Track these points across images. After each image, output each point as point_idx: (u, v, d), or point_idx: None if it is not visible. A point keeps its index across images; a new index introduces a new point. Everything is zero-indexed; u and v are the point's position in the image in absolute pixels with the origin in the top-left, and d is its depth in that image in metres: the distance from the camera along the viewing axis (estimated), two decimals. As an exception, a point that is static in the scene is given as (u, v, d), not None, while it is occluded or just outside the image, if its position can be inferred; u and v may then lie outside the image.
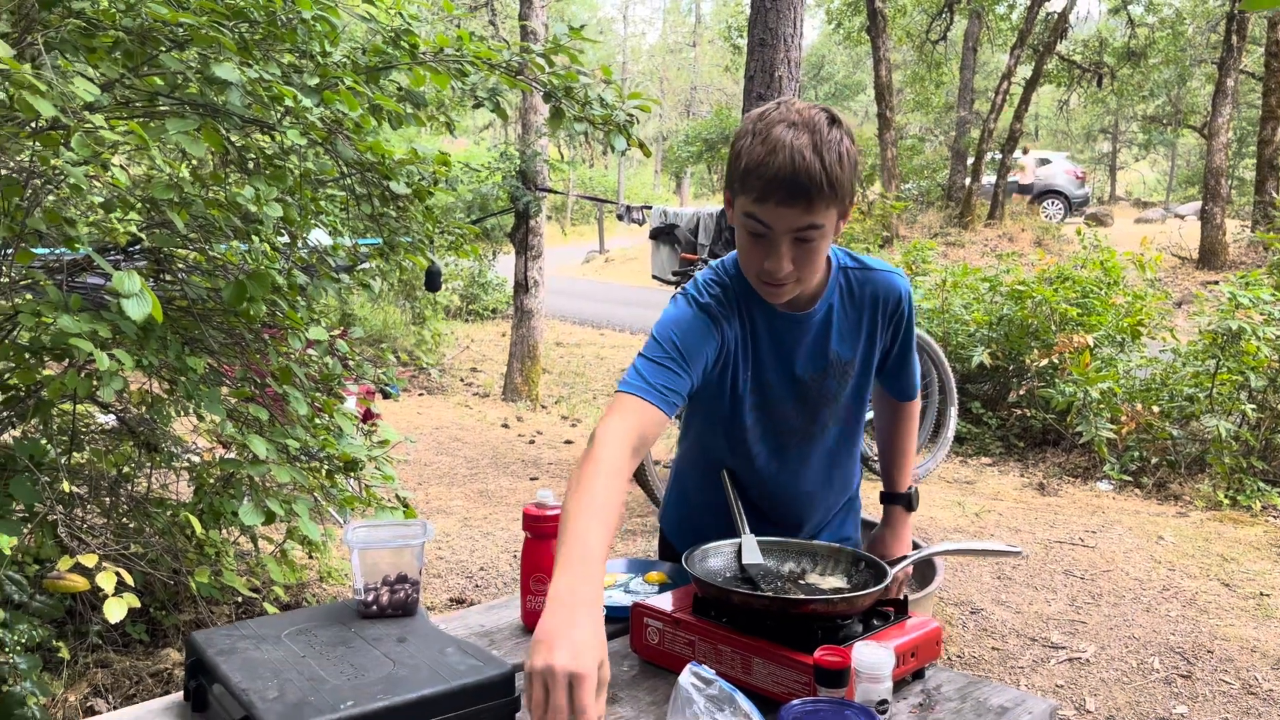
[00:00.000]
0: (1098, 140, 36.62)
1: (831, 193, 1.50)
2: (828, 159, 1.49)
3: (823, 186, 1.49)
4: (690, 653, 1.52)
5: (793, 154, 1.48)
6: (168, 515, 2.95)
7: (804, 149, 1.48)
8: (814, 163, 1.48)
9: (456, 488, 5.57)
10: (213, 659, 1.36)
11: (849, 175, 1.54)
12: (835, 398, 1.80)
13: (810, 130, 1.50)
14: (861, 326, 1.77)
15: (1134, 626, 3.73)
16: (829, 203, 1.52)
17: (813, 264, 1.59)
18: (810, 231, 1.54)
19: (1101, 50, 18.56)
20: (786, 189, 1.49)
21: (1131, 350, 6.74)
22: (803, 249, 1.56)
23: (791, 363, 1.75)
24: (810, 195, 1.49)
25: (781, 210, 1.52)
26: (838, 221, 1.58)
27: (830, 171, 1.49)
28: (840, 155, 1.51)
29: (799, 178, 1.48)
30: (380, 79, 2.93)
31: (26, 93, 1.86)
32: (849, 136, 1.55)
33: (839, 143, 1.52)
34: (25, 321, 2.19)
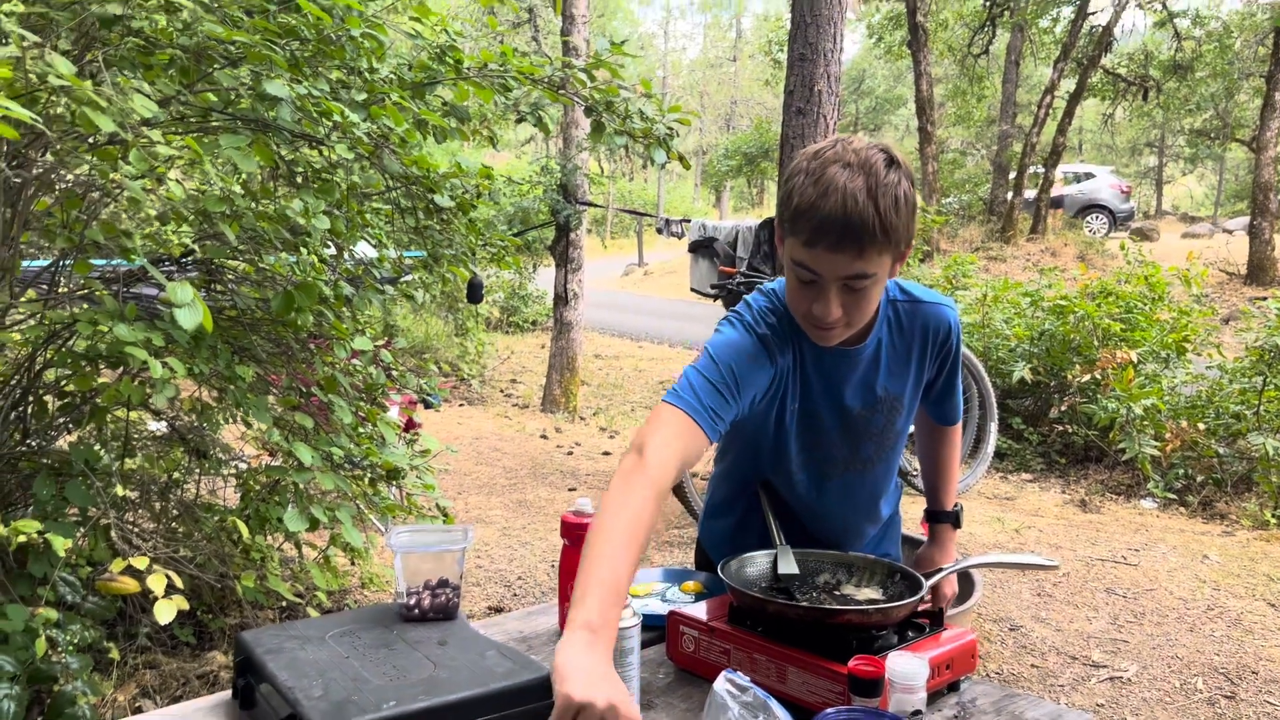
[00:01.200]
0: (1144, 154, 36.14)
1: (885, 239, 1.44)
2: (882, 204, 1.42)
3: (875, 233, 1.43)
4: (725, 661, 1.54)
5: (845, 198, 1.41)
6: (215, 520, 3.02)
7: (858, 193, 1.42)
8: (867, 208, 1.42)
9: (496, 497, 5.62)
10: (260, 658, 1.40)
11: (905, 220, 1.47)
12: (882, 432, 1.77)
13: (866, 172, 1.43)
14: (910, 359, 1.73)
15: (1177, 646, 3.68)
16: (882, 249, 1.46)
17: (862, 310, 1.54)
18: (860, 280, 1.48)
19: (1147, 64, 18.32)
20: (837, 234, 1.43)
21: (1177, 366, 6.65)
22: (852, 296, 1.51)
23: (840, 396, 1.71)
24: (862, 242, 1.43)
25: (831, 256, 1.46)
26: (892, 266, 1.52)
27: (885, 217, 1.43)
28: (897, 199, 1.44)
29: (851, 223, 1.42)
30: (425, 94, 2.99)
31: (88, 109, 1.93)
32: (907, 179, 1.48)
33: (895, 185, 1.45)
34: (83, 330, 2.26)
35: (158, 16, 2.18)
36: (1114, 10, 16.15)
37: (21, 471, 2.76)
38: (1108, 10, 16.35)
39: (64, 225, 2.64)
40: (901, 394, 1.75)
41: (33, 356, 2.75)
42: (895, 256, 1.50)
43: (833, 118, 5.60)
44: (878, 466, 1.82)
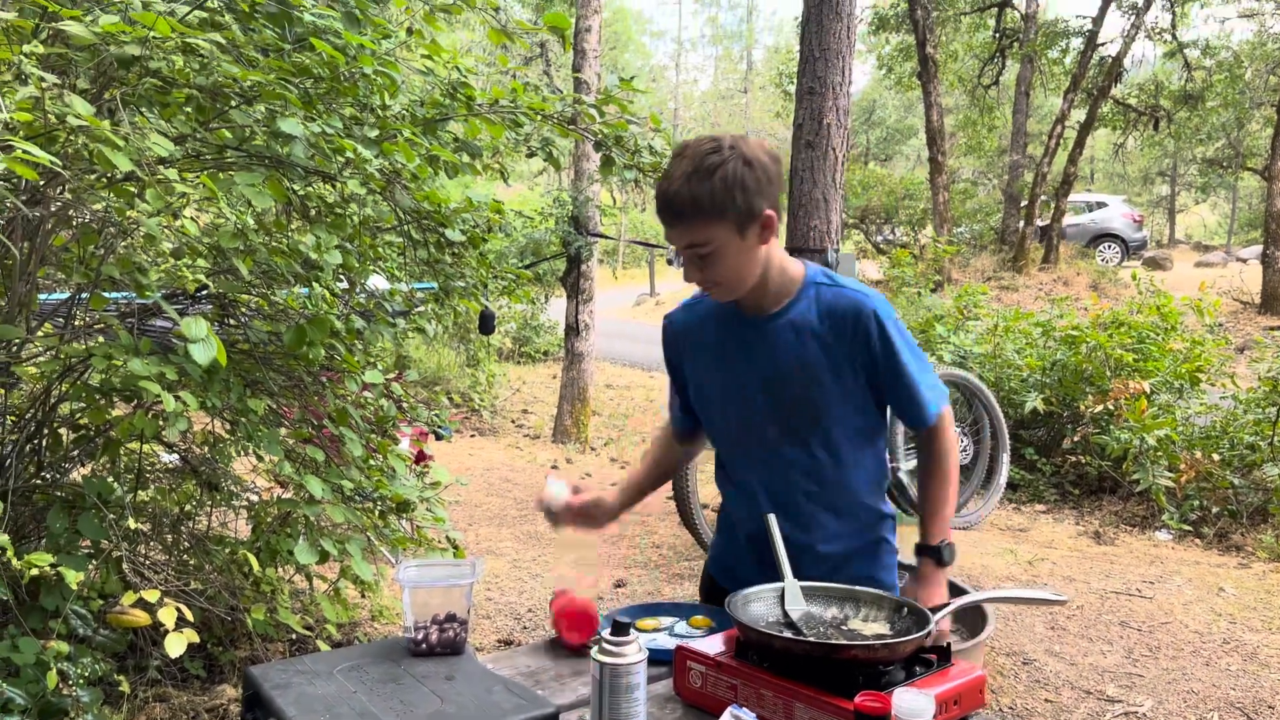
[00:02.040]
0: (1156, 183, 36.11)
1: (701, 212, 1.66)
2: (695, 184, 1.65)
3: (688, 209, 1.66)
4: (732, 696, 1.54)
5: (667, 184, 1.68)
6: (226, 553, 3.03)
7: (678, 178, 1.67)
8: (683, 189, 1.66)
9: (506, 529, 5.62)
10: (269, 693, 1.41)
11: (725, 194, 1.65)
12: (801, 400, 1.85)
13: (691, 159, 1.67)
14: (831, 339, 1.82)
15: (1193, 680, 3.64)
16: (707, 221, 1.67)
17: (722, 272, 1.74)
18: (700, 248, 1.70)
19: (1157, 93, 18.36)
20: (665, 214, 1.71)
21: (1190, 397, 6.62)
22: (704, 262, 1.73)
23: (754, 363, 1.87)
24: (683, 217, 1.68)
25: (671, 232, 1.72)
26: (742, 233, 1.70)
27: (697, 196, 1.65)
28: (714, 178, 1.65)
29: (671, 204, 1.68)
30: (437, 130, 3.03)
31: (105, 148, 1.96)
32: (739, 160, 1.67)
33: (717, 167, 1.65)
34: (98, 364, 2.28)
35: (175, 57, 2.22)
36: (1124, 41, 16.22)
37: (36, 504, 2.78)
38: (1117, 41, 16.42)
39: (80, 260, 2.68)
40: (819, 367, 1.83)
41: (48, 390, 2.78)
42: (734, 226, 1.69)
43: (842, 150, 5.63)
44: (820, 451, 1.87)
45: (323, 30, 2.60)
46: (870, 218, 19.82)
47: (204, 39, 2.20)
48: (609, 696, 1.33)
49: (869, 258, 19.92)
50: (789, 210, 5.85)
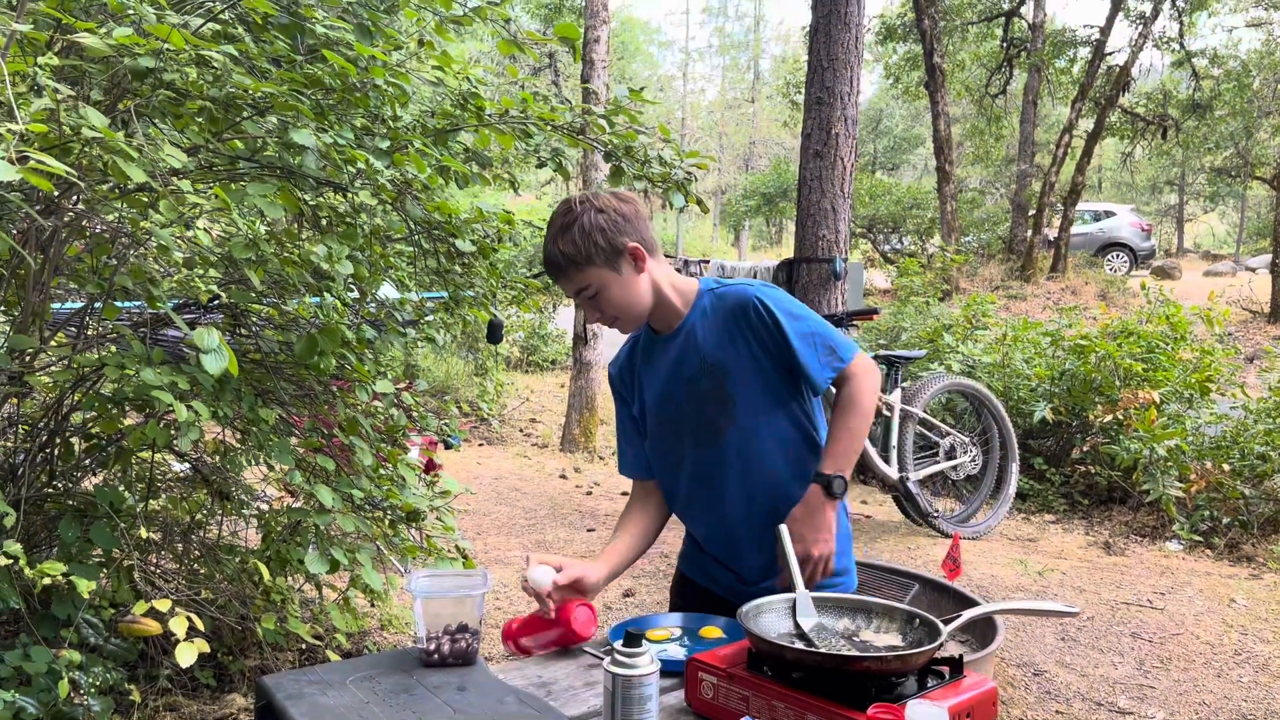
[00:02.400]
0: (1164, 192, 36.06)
1: (572, 264, 1.92)
2: (560, 243, 1.92)
3: (562, 263, 1.93)
4: (744, 708, 1.54)
5: (545, 248, 1.96)
6: (237, 562, 3.04)
7: (548, 241, 1.95)
8: (552, 249, 1.94)
9: (515, 538, 5.62)
10: (281, 703, 1.41)
11: (586, 243, 1.91)
12: (716, 393, 2.02)
13: (553, 224, 1.95)
14: (729, 334, 2.01)
15: (1204, 692, 3.62)
16: (580, 269, 1.92)
17: (613, 306, 1.97)
18: (585, 293, 1.95)
19: (1165, 103, 18.36)
20: (548, 273, 1.98)
21: (1200, 407, 6.59)
22: (596, 302, 1.97)
23: (674, 372, 2.07)
24: (560, 271, 1.94)
25: (559, 285, 1.98)
26: (616, 269, 1.94)
27: (564, 251, 1.92)
28: (573, 235, 1.91)
29: (547, 263, 1.97)
30: (448, 140, 3.04)
31: (119, 159, 1.97)
32: (591, 209, 1.92)
33: (570, 226, 1.91)
34: (110, 374, 2.30)
35: (189, 69, 2.23)
36: (1131, 50, 16.23)
37: (48, 513, 2.79)
38: (1125, 50, 16.43)
39: (93, 270, 2.69)
40: (725, 361, 2.01)
41: (60, 399, 2.80)
42: (607, 265, 1.93)
43: (850, 159, 5.64)
44: (728, 429, 2.03)
45: (334, 42, 2.61)
46: (877, 227, 19.82)
47: (217, 51, 2.21)
48: (621, 707, 1.33)
49: (876, 267, 19.91)
50: (797, 220, 5.86)
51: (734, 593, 2.07)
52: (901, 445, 5.44)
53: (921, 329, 8.63)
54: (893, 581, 3.80)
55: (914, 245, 19.30)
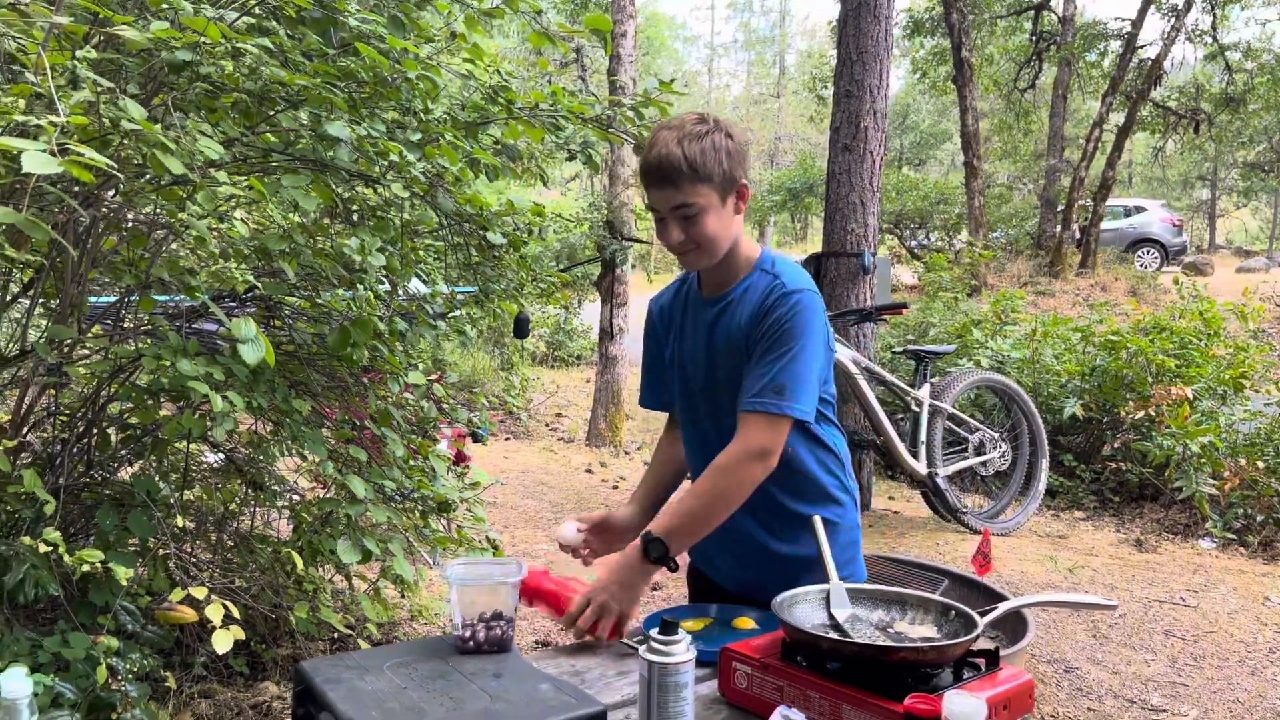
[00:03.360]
0: (1195, 187, 35.63)
1: (694, 174, 1.81)
2: (687, 147, 1.81)
3: (681, 169, 1.81)
4: (779, 698, 1.54)
5: (659, 147, 1.83)
6: (269, 552, 3.07)
7: (669, 142, 1.82)
8: (673, 151, 1.81)
9: (541, 531, 5.63)
10: (320, 687, 1.42)
11: (714, 160, 1.82)
12: (727, 383, 1.94)
13: (678, 129, 1.84)
14: (754, 318, 1.90)
15: (1239, 690, 3.58)
16: (694, 182, 1.82)
17: (703, 233, 1.87)
18: (686, 209, 1.84)
19: (1198, 96, 18.12)
20: (656, 175, 1.84)
21: (1234, 403, 6.51)
22: (687, 224, 1.86)
23: (704, 338, 2.01)
24: (673, 178, 1.82)
25: (658, 194, 1.86)
26: (724, 198, 1.86)
27: (689, 156, 1.80)
28: (703, 144, 1.82)
29: (663, 165, 1.82)
30: (478, 133, 3.05)
31: (158, 151, 1.99)
32: (723, 132, 1.85)
33: (703, 135, 1.83)
34: (147, 364, 2.32)
35: (224, 62, 2.25)
36: (1163, 43, 16.03)
37: (85, 502, 2.83)
38: (1157, 43, 16.23)
39: (129, 263, 2.72)
40: (741, 348, 1.92)
41: (98, 390, 2.83)
42: (718, 190, 1.85)
43: (879, 153, 5.61)
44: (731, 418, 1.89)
45: (366, 35, 2.63)
46: (904, 223, 19.70)
47: (252, 44, 2.23)
48: (657, 695, 1.33)
49: (903, 263, 19.79)
50: (825, 214, 5.84)
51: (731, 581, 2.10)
52: (930, 440, 5.41)
53: (950, 324, 8.58)
54: (921, 576, 3.77)
55: (941, 241, 19.17)
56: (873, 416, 5.17)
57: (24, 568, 2.31)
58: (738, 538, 2.00)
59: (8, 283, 2.82)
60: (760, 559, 2.02)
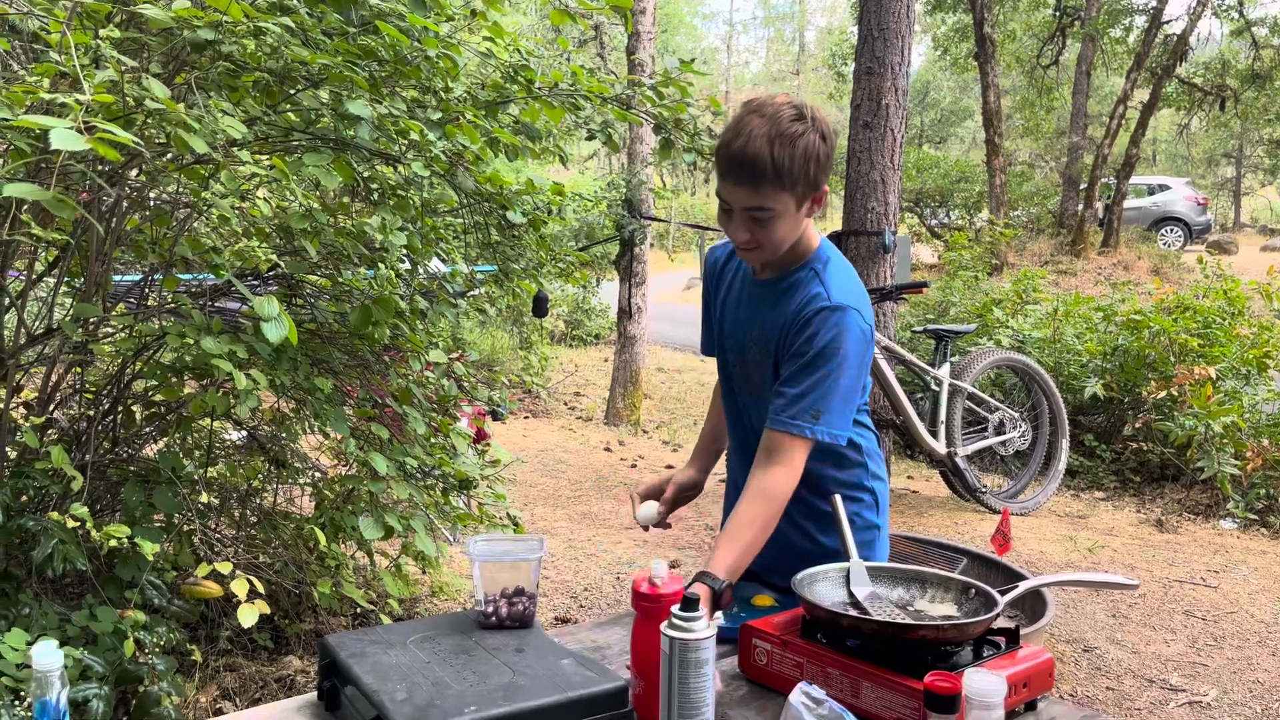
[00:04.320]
0: (1220, 165, 35.20)
1: (778, 179, 1.66)
2: (777, 149, 1.64)
3: (768, 173, 1.65)
4: (799, 674, 1.55)
5: (748, 141, 1.65)
6: (292, 528, 3.10)
7: (760, 138, 1.65)
8: (764, 150, 1.64)
9: (560, 509, 5.66)
10: (345, 661, 1.44)
11: (801, 165, 1.67)
12: (758, 366, 1.90)
13: (772, 122, 1.66)
14: (786, 317, 1.82)
15: (1259, 671, 3.57)
16: (776, 187, 1.67)
17: (770, 238, 1.74)
18: (761, 213, 1.71)
19: (1224, 73, 17.87)
20: (736, 171, 1.68)
21: (1258, 383, 6.46)
22: (758, 225, 1.73)
23: (744, 317, 1.93)
24: (756, 179, 1.67)
25: (735, 189, 1.71)
26: (800, 205, 1.73)
27: (778, 160, 1.65)
28: (794, 146, 1.65)
29: (747, 162, 1.66)
30: (497, 112, 3.05)
31: (181, 130, 2.00)
32: (817, 133, 1.68)
33: (798, 136, 1.66)
34: (172, 342, 2.34)
35: (246, 41, 2.26)
36: (1189, 19, 15.80)
37: (110, 479, 2.86)
38: (1182, 19, 16.00)
39: (153, 242, 2.74)
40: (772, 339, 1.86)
41: (122, 368, 2.86)
42: (797, 197, 1.71)
43: (900, 131, 5.57)
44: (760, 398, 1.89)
45: (386, 13, 2.62)
46: (925, 201, 19.55)
47: (274, 22, 2.24)
48: (679, 670, 1.34)
49: (923, 241, 19.67)
50: (845, 192, 5.80)
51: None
52: (950, 420, 5.40)
53: (970, 304, 8.53)
54: (940, 556, 3.78)
55: (961, 220, 19.04)
56: (892, 396, 5.16)
57: (52, 543, 2.35)
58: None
59: (33, 262, 2.85)
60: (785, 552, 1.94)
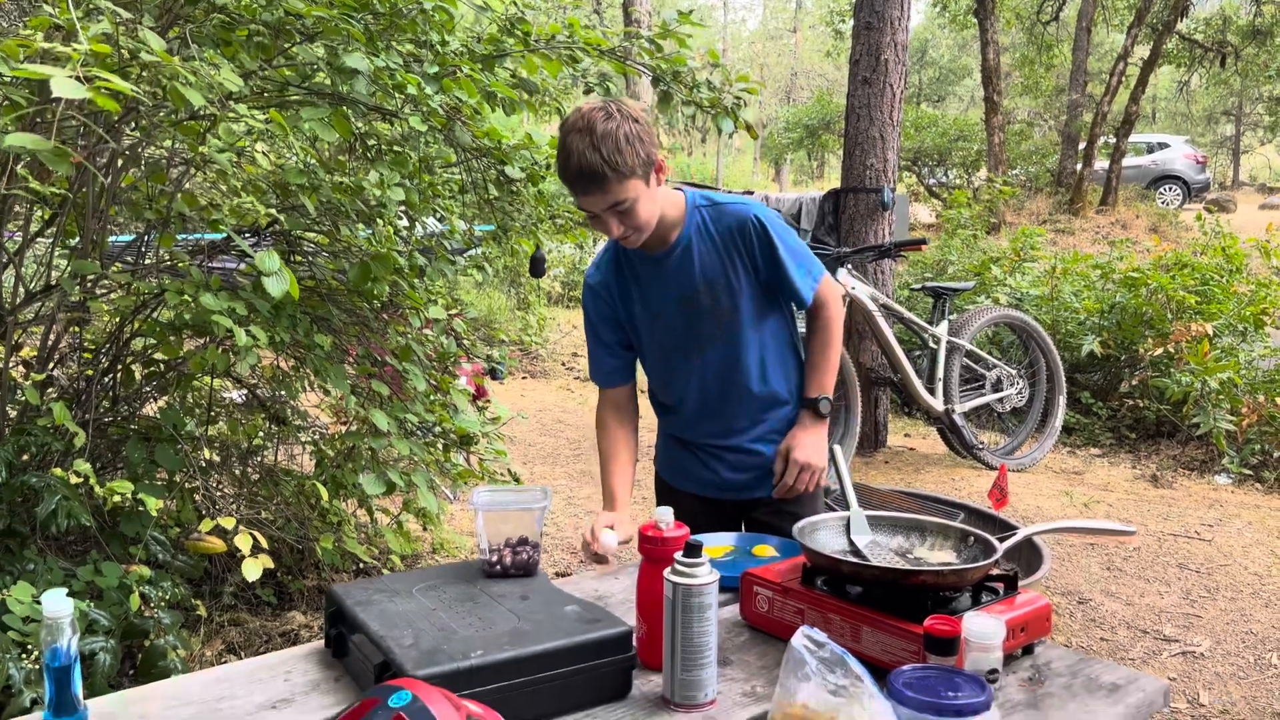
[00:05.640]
0: (1220, 123, 35.01)
1: (617, 174, 1.83)
2: (606, 151, 1.81)
3: (605, 174, 1.82)
4: (799, 621, 1.57)
5: (578, 156, 1.83)
6: (294, 485, 3.11)
7: (585, 150, 1.82)
8: (594, 158, 1.81)
9: (560, 467, 5.69)
10: (352, 609, 1.46)
11: (630, 153, 1.84)
12: (714, 311, 2.08)
13: (588, 130, 1.83)
14: (724, 251, 2.06)
15: (1252, 621, 3.62)
16: (620, 180, 1.84)
17: (638, 221, 1.92)
18: (620, 205, 1.88)
19: (1225, 29, 17.72)
20: (583, 184, 1.85)
21: (1254, 340, 6.47)
22: (624, 216, 1.90)
23: (668, 290, 2.09)
24: (600, 183, 1.83)
25: (588, 199, 1.88)
26: (647, 181, 1.90)
27: (609, 160, 1.81)
28: (618, 142, 1.82)
29: (584, 174, 1.83)
30: (494, 66, 3.02)
31: (177, 84, 1.99)
32: (628, 120, 1.86)
33: (614, 130, 1.83)
34: (170, 300, 2.34)
35: (241, -8, 2.23)
36: (1191, -27, 15.63)
37: (111, 437, 2.87)
38: (1184, -27, 15.82)
39: (149, 199, 2.73)
40: (720, 278, 2.06)
41: (121, 326, 2.86)
42: (641, 177, 1.88)
43: (899, 87, 5.53)
44: (720, 341, 2.12)
45: (381, -35, 2.59)
46: (923, 160, 19.44)
47: (268, -26, 2.21)
48: (682, 616, 1.36)
49: (921, 201, 19.59)
50: (844, 149, 5.77)
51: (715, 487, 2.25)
52: (947, 377, 5.41)
53: (969, 262, 8.52)
54: (938, 511, 3.80)
55: (960, 178, 18.94)
56: (890, 353, 5.17)
57: (55, 499, 2.36)
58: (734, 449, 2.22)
59: (29, 220, 2.84)
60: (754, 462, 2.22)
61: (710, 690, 1.38)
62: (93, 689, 2.20)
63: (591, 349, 2.27)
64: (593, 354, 2.27)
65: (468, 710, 1.07)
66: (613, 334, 2.22)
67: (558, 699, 1.34)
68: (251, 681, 1.45)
